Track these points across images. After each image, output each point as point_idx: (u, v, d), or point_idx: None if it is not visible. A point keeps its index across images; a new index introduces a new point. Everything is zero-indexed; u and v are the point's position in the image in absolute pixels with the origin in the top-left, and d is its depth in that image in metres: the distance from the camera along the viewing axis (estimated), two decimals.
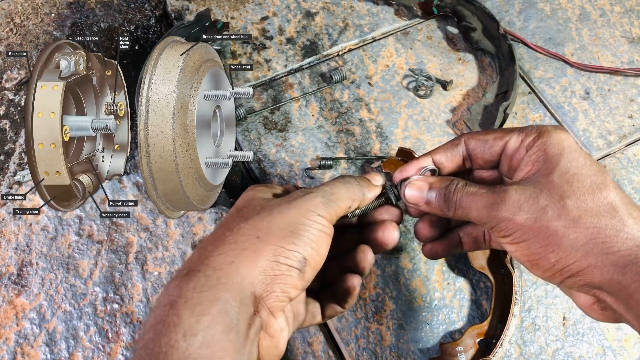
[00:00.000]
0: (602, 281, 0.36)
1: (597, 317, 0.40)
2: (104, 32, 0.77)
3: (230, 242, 0.38)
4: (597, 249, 0.37)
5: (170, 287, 0.36)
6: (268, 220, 0.39)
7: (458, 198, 0.42)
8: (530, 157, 0.41)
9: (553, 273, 0.38)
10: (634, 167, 0.68)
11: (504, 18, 0.79)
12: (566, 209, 0.37)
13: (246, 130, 0.69)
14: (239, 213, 0.41)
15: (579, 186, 0.38)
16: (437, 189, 0.43)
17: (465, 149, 0.45)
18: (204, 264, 0.37)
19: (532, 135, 0.41)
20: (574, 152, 0.40)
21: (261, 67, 0.74)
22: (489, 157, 0.44)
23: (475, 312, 0.59)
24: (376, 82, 0.73)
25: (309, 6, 0.79)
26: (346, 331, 0.58)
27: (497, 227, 0.40)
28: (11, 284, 0.60)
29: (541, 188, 0.39)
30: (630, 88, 0.73)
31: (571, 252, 0.37)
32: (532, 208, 0.38)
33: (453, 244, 0.50)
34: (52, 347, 0.57)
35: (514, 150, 0.42)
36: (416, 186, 0.44)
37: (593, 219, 0.37)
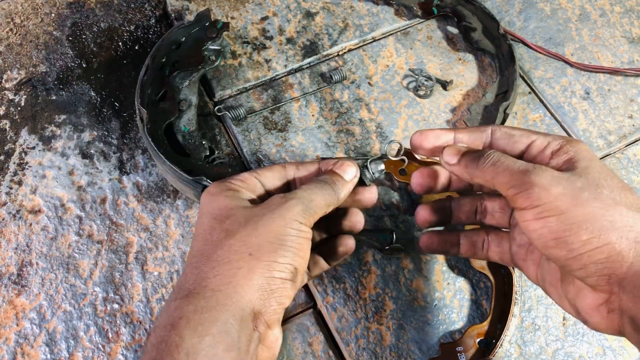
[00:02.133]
0: (628, 273, 0.35)
1: (599, 321, 0.39)
2: (104, 32, 0.77)
3: (224, 261, 0.39)
4: (631, 236, 0.36)
5: (170, 308, 0.37)
6: (256, 235, 0.40)
7: (493, 158, 0.41)
8: (560, 158, 0.41)
9: (580, 253, 0.36)
10: (634, 167, 0.68)
11: (504, 18, 0.79)
12: (603, 195, 0.37)
13: (246, 130, 0.69)
14: (221, 225, 0.41)
15: (612, 183, 0.38)
16: (471, 153, 0.43)
17: (490, 138, 0.45)
18: (202, 286, 0.38)
19: (559, 141, 0.42)
20: (600, 160, 0.41)
21: (261, 67, 0.74)
22: (511, 151, 0.44)
23: (475, 312, 0.59)
24: (376, 82, 0.73)
25: (309, 6, 0.79)
26: (346, 331, 0.58)
27: (526, 194, 0.38)
28: (11, 284, 0.60)
29: (579, 174, 0.38)
30: (630, 88, 0.73)
31: (606, 232, 0.36)
32: (570, 186, 0.38)
33: (450, 242, 0.50)
34: (52, 347, 0.57)
35: (539, 151, 0.42)
36: (455, 148, 0.45)
37: (629, 210, 0.37)
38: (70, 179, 0.66)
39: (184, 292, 0.38)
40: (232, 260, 0.39)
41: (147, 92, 0.66)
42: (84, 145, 0.69)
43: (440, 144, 0.46)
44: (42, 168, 0.67)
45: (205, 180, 0.58)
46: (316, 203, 0.43)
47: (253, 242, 0.40)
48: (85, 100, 0.72)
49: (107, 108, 0.71)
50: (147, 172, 0.67)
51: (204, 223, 0.42)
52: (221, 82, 0.72)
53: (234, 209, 0.42)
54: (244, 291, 0.38)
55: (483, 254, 0.49)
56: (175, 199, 0.65)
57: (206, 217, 0.42)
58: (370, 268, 0.61)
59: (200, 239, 0.42)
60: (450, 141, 0.46)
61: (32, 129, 0.70)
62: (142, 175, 0.67)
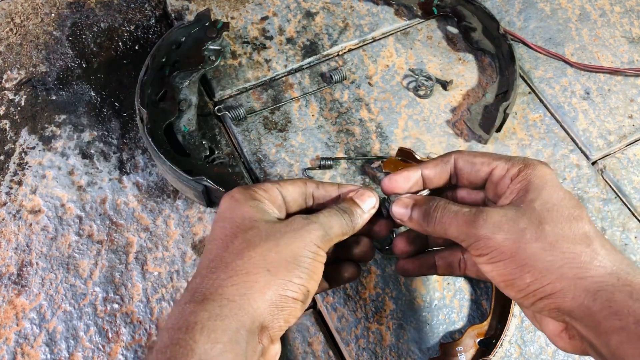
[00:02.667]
0: (573, 307, 0.38)
1: (564, 345, 0.41)
2: (104, 32, 0.77)
3: (242, 272, 0.40)
4: (571, 273, 0.38)
5: (185, 312, 0.38)
6: (276, 252, 0.41)
7: (439, 214, 0.44)
8: (515, 186, 0.43)
9: (527, 294, 0.39)
10: (634, 167, 0.68)
11: (504, 18, 0.79)
12: (544, 233, 0.39)
13: (246, 130, 0.69)
14: (244, 235, 0.42)
15: (557, 215, 0.40)
16: (419, 206, 0.46)
17: (454, 167, 0.47)
18: (218, 294, 0.39)
19: (518, 166, 0.43)
20: (556, 186, 0.42)
21: (261, 67, 0.74)
22: (474, 179, 0.46)
23: (475, 312, 0.59)
24: (376, 82, 0.73)
25: (309, 6, 0.79)
26: (346, 331, 0.58)
27: (475, 245, 0.41)
28: (11, 284, 0.60)
29: (522, 213, 0.41)
30: (630, 88, 0.73)
31: (546, 274, 0.38)
32: (512, 229, 0.40)
33: (426, 265, 0.52)
34: (52, 347, 0.57)
35: (499, 178, 0.44)
36: (403, 203, 0.47)
37: (569, 245, 0.39)
38: (70, 179, 0.66)
39: (199, 296, 0.39)
40: (250, 272, 0.40)
41: (147, 92, 0.66)
42: (84, 145, 0.69)
43: (411, 185, 0.48)
44: (42, 168, 0.67)
45: (206, 180, 0.58)
46: (334, 230, 0.44)
47: (272, 258, 0.41)
48: (85, 100, 0.72)
49: (107, 108, 0.71)
50: (147, 172, 0.67)
51: (226, 228, 0.43)
52: (221, 82, 0.72)
53: (258, 222, 0.43)
54: (257, 304, 0.39)
55: (460, 272, 0.50)
56: (175, 199, 0.65)
57: (229, 223, 0.43)
58: (370, 268, 0.61)
59: (219, 243, 0.42)
60: (419, 180, 0.48)
61: (32, 129, 0.70)
62: (142, 175, 0.67)
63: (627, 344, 0.35)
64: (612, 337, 0.36)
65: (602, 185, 0.67)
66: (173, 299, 0.59)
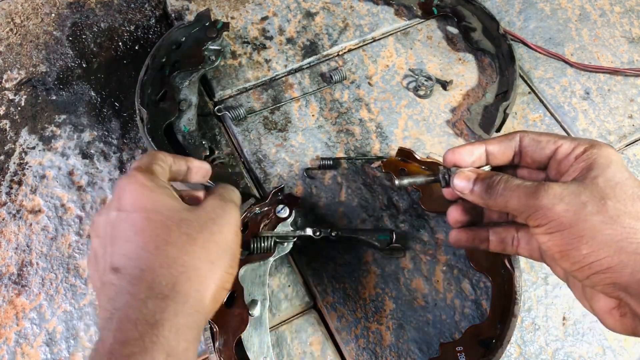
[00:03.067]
0: (631, 281, 0.37)
1: (614, 324, 0.40)
2: (104, 32, 0.77)
3: (192, 268, 0.41)
4: (631, 248, 0.37)
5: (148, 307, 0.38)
6: (214, 243, 0.42)
7: (501, 187, 0.43)
8: (579, 164, 0.42)
9: (582, 266, 0.39)
10: (634, 167, 0.68)
11: (504, 18, 0.79)
12: (605, 207, 0.38)
13: (246, 130, 0.69)
14: (179, 229, 0.42)
15: (620, 192, 0.39)
16: (482, 179, 0.45)
17: (519, 145, 0.47)
18: (176, 291, 0.40)
19: (584, 146, 0.43)
20: (621, 166, 0.41)
21: (261, 67, 0.74)
22: (539, 157, 0.46)
23: (475, 312, 0.59)
24: (376, 82, 0.73)
25: (309, 6, 0.79)
26: (346, 331, 0.58)
27: (535, 215, 0.41)
28: (11, 284, 0.60)
29: (585, 187, 0.40)
30: (630, 88, 0.73)
31: (604, 246, 0.38)
32: (573, 201, 0.39)
33: (479, 238, 0.51)
34: (52, 347, 0.57)
35: (564, 155, 0.44)
36: (464, 175, 0.47)
37: (631, 220, 0.38)
38: (70, 179, 0.66)
39: (158, 292, 0.39)
40: (199, 267, 0.41)
41: (147, 92, 0.66)
42: (84, 145, 0.69)
43: (474, 159, 0.48)
44: (42, 168, 0.67)
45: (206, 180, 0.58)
46: (238, 204, 0.48)
47: (212, 250, 0.42)
48: (86, 100, 0.72)
49: (107, 108, 0.71)
50: None
51: (154, 220, 0.42)
52: (221, 82, 0.72)
53: (182, 212, 0.43)
54: (206, 299, 0.41)
55: (512, 250, 0.50)
56: None
57: (154, 215, 0.42)
58: (370, 268, 0.61)
59: (155, 237, 0.41)
60: (483, 155, 0.48)
61: (32, 129, 0.70)
62: None
63: None
64: None
65: None
66: None
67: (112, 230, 0.42)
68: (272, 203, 0.60)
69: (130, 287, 0.40)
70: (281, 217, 0.59)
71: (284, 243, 0.58)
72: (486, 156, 0.48)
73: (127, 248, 0.41)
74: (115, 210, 0.43)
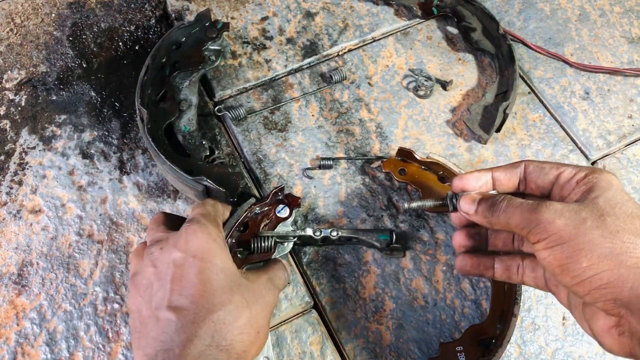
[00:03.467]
0: (632, 297, 0.37)
1: (611, 343, 0.41)
2: (104, 33, 0.77)
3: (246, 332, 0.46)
4: (630, 262, 0.38)
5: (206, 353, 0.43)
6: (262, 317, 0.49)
7: (504, 205, 0.45)
8: (580, 188, 0.44)
9: (582, 280, 0.39)
10: (633, 167, 0.68)
11: (504, 18, 0.79)
12: (605, 223, 0.39)
13: (246, 130, 0.69)
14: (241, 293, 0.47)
15: (620, 211, 0.40)
16: (486, 199, 0.47)
17: (523, 172, 0.48)
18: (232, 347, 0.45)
19: (585, 171, 0.44)
20: (621, 189, 0.43)
21: (261, 67, 0.74)
22: (542, 183, 0.47)
23: (475, 312, 0.59)
24: (376, 82, 0.73)
25: (309, 6, 0.79)
26: (346, 331, 0.58)
27: (535, 230, 0.41)
28: (11, 284, 0.60)
29: (585, 206, 0.41)
30: (630, 88, 0.73)
31: (604, 259, 0.38)
32: (573, 217, 0.40)
33: (484, 265, 0.52)
34: (52, 347, 0.57)
35: (566, 180, 0.45)
36: (470, 198, 0.48)
37: (630, 236, 0.39)
38: (70, 179, 0.66)
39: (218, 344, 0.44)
40: (249, 333, 0.46)
41: (147, 92, 0.66)
42: (84, 145, 0.69)
43: (481, 185, 0.49)
44: (43, 168, 0.67)
45: (206, 180, 0.58)
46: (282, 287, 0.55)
47: (260, 322, 0.47)
48: (86, 101, 0.72)
49: (108, 108, 0.71)
50: (147, 172, 0.67)
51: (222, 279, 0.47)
52: (221, 82, 0.72)
53: (241, 278, 0.48)
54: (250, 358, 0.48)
55: (518, 278, 0.50)
56: (176, 199, 0.65)
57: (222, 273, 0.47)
58: (370, 268, 0.61)
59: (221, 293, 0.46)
60: (489, 181, 0.49)
61: (33, 129, 0.70)
62: (143, 175, 0.67)
63: None
64: None
65: None
66: None
67: (176, 269, 0.45)
68: (272, 203, 0.60)
69: (193, 328, 0.43)
70: (281, 217, 0.59)
71: (284, 243, 0.58)
72: (493, 183, 0.49)
73: (191, 292, 0.44)
74: (182, 251, 0.46)
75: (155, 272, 0.46)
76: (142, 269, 0.47)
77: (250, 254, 0.57)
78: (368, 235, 0.60)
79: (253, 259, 0.56)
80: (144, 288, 0.46)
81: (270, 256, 0.57)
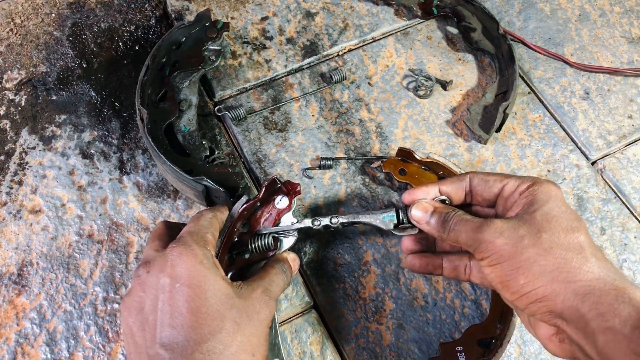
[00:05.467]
0: (564, 308, 0.40)
1: (554, 349, 0.44)
2: (104, 33, 0.77)
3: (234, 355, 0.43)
4: (562, 277, 0.41)
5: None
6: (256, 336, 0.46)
7: (453, 222, 0.47)
8: (522, 200, 0.46)
9: (520, 295, 0.42)
10: (633, 167, 0.68)
11: (504, 18, 0.79)
12: (540, 240, 0.42)
13: (246, 130, 0.69)
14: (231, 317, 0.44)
15: (555, 225, 0.43)
16: (438, 213, 0.49)
17: (469, 185, 0.51)
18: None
19: (527, 183, 0.47)
20: (559, 201, 0.45)
21: (261, 67, 0.74)
22: (487, 195, 0.50)
23: (475, 312, 0.59)
24: (376, 82, 0.73)
25: (309, 6, 0.79)
26: (346, 331, 0.58)
27: (479, 248, 0.45)
28: (11, 284, 0.60)
29: (523, 222, 0.44)
30: (630, 88, 0.73)
31: (539, 277, 0.41)
32: (512, 235, 0.43)
33: (433, 265, 0.54)
34: (52, 347, 0.57)
35: (510, 193, 0.48)
36: (422, 207, 0.51)
37: (562, 251, 0.42)
38: (70, 178, 0.66)
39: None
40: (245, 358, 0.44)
41: (147, 92, 0.66)
42: (84, 145, 0.69)
43: (430, 198, 0.52)
44: (43, 168, 0.67)
45: (206, 180, 0.58)
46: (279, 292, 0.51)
47: (255, 342, 0.45)
48: (86, 101, 0.72)
49: (108, 108, 0.71)
50: (147, 172, 0.67)
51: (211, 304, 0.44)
52: (221, 82, 0.72)
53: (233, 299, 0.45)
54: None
55: (465, 276, 0.53)
56: (176, 199, 0.65)
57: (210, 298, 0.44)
58: (370, 268, 0.61)
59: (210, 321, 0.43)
60: (437, 195, 0.52)
61: (33, 129, 0.70)
62: (142, 175, 0.67)
63: (614, 343, 0.37)
64: (600, 337, 0.38)
65: (601, 185, 0.67)
66: None
67: (164, 297, 0.44)
68: (268, 196, 0.57)
69: None
70: (281, 208, 0.56)
71: (286, 237, 0.56)
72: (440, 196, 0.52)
73: (181, 322, 0.43)
74: (168, 277, 0.44)
75: (144, 298, 0.45)
76: (133, 292, 0.46)
77: (251, 255, 0.55)
78: (371, 218, 0.56)
79: (254, 259, 0.55)
80: (135, 313, 0.45)
81: (272, 254, 0.55)
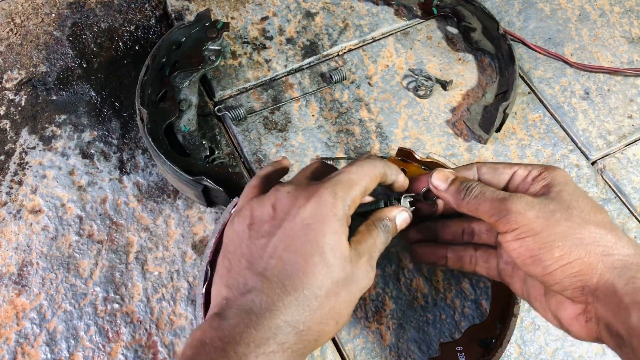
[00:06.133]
0: (599, 283, 0.39)
1: (579, 330, 0.42)
2: (104, 32, 0.77)
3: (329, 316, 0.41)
4: (598, 250, 0.40)
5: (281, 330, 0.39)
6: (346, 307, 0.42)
7: (476, 191, 0.46)
8: (538, 183, 0.45)
9: (554, 269, 0.41)
10: (633, 167, 0.68)
11: (504, 18, 0.79)
12: (573, 215, 0.42)
13: (246, 130, 0.69)
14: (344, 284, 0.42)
15: (583, 204, 0.43)
16: (459, 181, 0.48)
17: (477, 174, 0.49)
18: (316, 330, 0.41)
19: (539, 169, 0.46)
20: (576, 185, 0.45)
21: (261, 67, 0.74)
22: (497, 183, 0.48)
23: (475, 312, 0.59)
24: (376, 82, 0.73)
25: (309, 6, 0.79)
26: (346, 331, 0.58)
27: (505, 219, 0.43)
28: (11, 284, 0.60)
29: (552, 199, 0.43)
30: (630, 88, 0.73)
31: (575, 249, 0.40)
32: (543, 209, 0.42)
33: (437, 255, 0.54)
34: (52, 347, 0.57)
35: (521, 179, 0.47)
36: (444, 175, 0.49)
37: (596, 227, 0.41)
38: (70, 178, 0.66)
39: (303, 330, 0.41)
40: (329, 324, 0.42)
41: (147, 92, 0.66)
42: (84, 145, 0.69)
43: None
44: (43, 168, 0.67)
45: (206, 180, 0.58)
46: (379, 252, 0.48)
47: (343, 313, 0.42)
48: (86, 100, 0.72)
49: (108, 108, 0.71)
50: (147, 172, 0.67)
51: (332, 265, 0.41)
52: (221, 82, 0.72)
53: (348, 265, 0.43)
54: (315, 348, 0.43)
55: (470, 267, 0.52)
56: (176, 199, 0.65)
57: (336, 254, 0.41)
58: None
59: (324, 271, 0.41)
60: None
61: (33, 129, 0.70)
62: (143, 175, 0.67)
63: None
64: (634, 313, 0.37)
65: (601, 185, 0.67)
66: (173, 298, 0.60)
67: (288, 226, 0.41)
68: None
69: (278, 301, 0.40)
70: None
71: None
72: None
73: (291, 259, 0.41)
74: (302, 209, 0.42)
75: (270, 215, 0.42)
76: (266, 200, 0.43)
77: None
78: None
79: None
80: (257, 222, 0.42)
81: None
